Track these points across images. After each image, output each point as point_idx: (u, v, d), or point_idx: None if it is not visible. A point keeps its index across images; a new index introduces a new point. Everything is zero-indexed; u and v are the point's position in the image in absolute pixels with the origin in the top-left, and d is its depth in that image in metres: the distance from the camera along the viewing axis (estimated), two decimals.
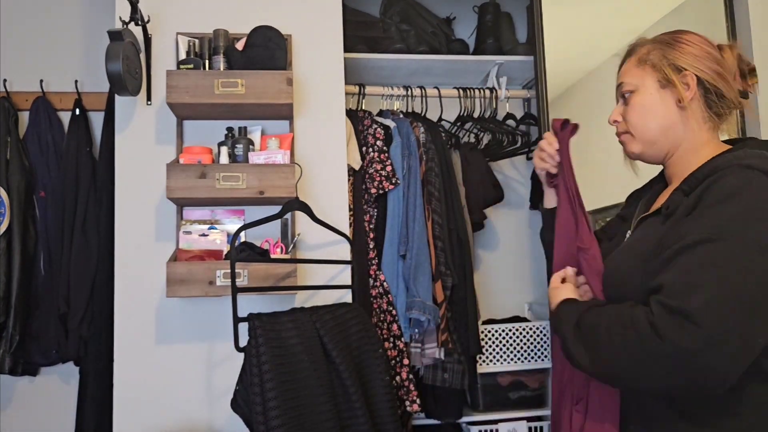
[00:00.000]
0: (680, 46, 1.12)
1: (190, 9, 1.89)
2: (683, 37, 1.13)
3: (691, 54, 1.10)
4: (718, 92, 1.09)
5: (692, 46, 1.11)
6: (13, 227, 2.12)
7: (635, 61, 1.17)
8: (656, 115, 1.14)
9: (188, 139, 1.86)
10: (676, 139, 1.13)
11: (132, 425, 1.72)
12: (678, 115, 1.12)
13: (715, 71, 1.09)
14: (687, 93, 1.09)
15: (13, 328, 2.08)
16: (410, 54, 2.20)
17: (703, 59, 1.10)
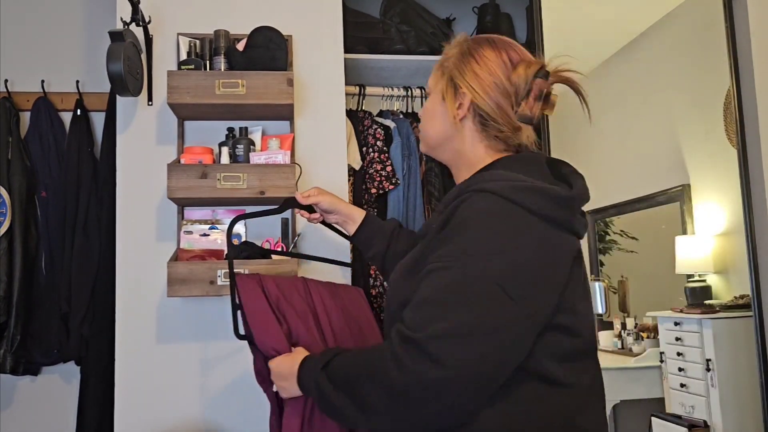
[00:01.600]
0: (470, 62, 1.09)
1: (191, 10, 1.89)
2: (478, 52, 1.10)
3: (473, 74, 1.08)
4: (492, 119, 1.07)
5: (479, 65, 1.08)
6: (14, 227, 2.12)
7: (438, 62, 1.16)
8: (435, 124, 1.15)
9: (189, 140, 1.87)
10: (454, 150, 1.13)
11: (133, 425, 1.73)
12: (454, 129, 1.11)
13: (491, 98, 1.06)
14: (459, 112, 1.09)
15: (15, 328, 2.09)
16: (410, 55, 2.20)
17: (484, 82, 1.07)
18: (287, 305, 1.41)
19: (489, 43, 1.11)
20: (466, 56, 1.10)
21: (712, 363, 2.44)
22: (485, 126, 1.08)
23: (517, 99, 1.06)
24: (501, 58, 1.09)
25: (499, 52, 1.09)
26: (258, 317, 1.33)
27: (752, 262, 2.16)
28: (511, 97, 1.06)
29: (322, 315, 1.48)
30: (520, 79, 1.06)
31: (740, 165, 2.19)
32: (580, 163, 1.58)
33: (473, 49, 1.11)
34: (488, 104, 1.06)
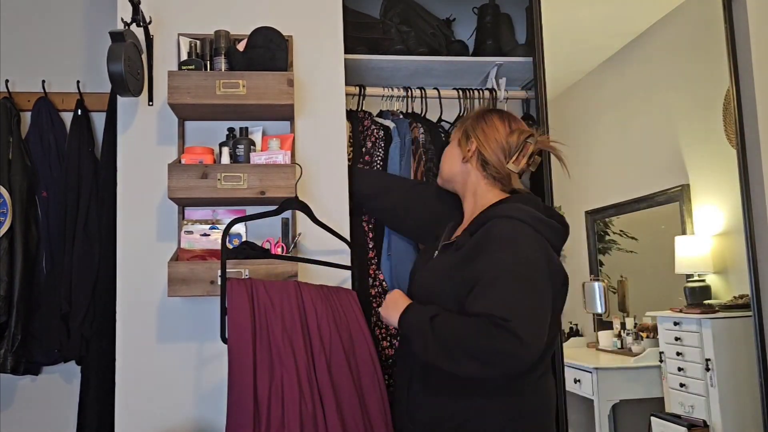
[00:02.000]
0: (482, 123, 1.55)
1: (191, 10, 1.90)
2: (489, 119, 1.56)
3: (482, 131, 1.54)
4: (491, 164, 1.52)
5: (488, 127, 1.54)
6: (15, 227, 2.12)
7: (460, 122, 1.66)
8: (451, 164, 1.61)
9: (190, 140, 1.87)
10: (462, 184, 1.59)
11: (134, 424, 1.73)
12: (462, 167, 1.57)
13: (492, 150, 1.51)
14: (467, 154, 1.56)
15: (15, 328, 2.09)
16: (410, 55, 2.20)
17: (488, 139, 1.52)
18: (274, 316, 1.44)
19: (499, 114, 1.58)
20: (480, 119, 1.58)
21: (712, 363, 2.44)
22: (485, 168, 1.53)
23: (510, 155, 1.50)
24: (504, 125, 1.54)
25: (504, 121, 1.55)
26: (236, 332, 1.42)
27: (751, 262, 2.16)
28: (506, 152, 1.51)
29: (312, 320, 1.50)
30: (514, 141, 1.50)
31: (740, 165, 2.19)
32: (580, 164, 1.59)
33: (486, 116, 1.57)
34: (489, 152, 1.52)
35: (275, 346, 1.43)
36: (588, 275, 2.98)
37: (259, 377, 1.39)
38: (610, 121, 2.99)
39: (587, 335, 2.98)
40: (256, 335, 1.42)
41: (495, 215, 1.40)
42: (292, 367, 1.42)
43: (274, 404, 1.38)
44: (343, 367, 1.50)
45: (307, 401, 1.41)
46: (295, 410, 1.39)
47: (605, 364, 2.77)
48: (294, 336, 1.46)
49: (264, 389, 1.38)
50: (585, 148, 3.01)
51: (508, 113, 1.60)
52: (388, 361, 1.89)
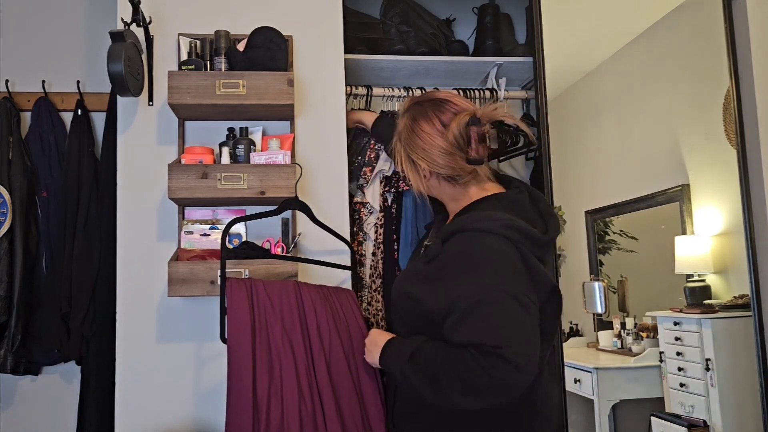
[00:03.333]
0: (415, 140, 1.34)
1: (191, 10, 1.90)
2: (418, 129, 1.34)
3: (422, 149, 1.33)
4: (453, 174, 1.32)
5: (423, 140, 1.33)
6: (15, 227, 2.13)
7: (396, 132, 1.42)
8: (416, 184, 1.40)
9: (190, 140, 1.87)
10: (439, 195, 1.42)
11: (134, 424, 1.73)
12: (428, 186, 1.40)
13: (442, 162, 1.31)
14: (424, 178, 1.38)
15: (15, 328, 2.09)
16: (410, 55, 2.21)
17: (431, 154, 1.32)
18: (274, 316, 1.44)
19: (423, 116, 1.35)
20: (411, 134, 1.36)
21: (712, 363, 2.44)
22: (450, 180, 1.35)
23: (463, 149, 1.30)
24: (435, 127, 1.33)
25: (431, 122, 1.33)
26: (235, 331, 1.41)
27: (751, 262, 2.16)
28: (456, 153, 1.31)
29: (311, 320, 1.50)
30: (455, 135, 1.30)
31: (740, 165, 2.19)
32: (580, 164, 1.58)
33: (414, 127, 1.36)
34: (442, 167, 1.32)
35: (275, 346, 1.43)
36: (588, 275, 2.98)
37: (258, 377, 1.39)
38: (610, 121, 2.99)
39: (587, 335, 2.98)
40: (256, 335, 1.42)
41: (463, 227, 1.25)
42: (292, 367, 1.42)
43: (273, 404, 1.38)
44: (343, 367, 1.50)
45: (306, 401, 1.41)
46: (295, 410, 1.39)
47: (605, 364, 2.77)
48: (293, 336, 1.46)
49: (263, 389, 1.38)
50: (585, 148, 3.01)
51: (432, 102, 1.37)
52: None
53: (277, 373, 1.41)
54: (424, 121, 1.34)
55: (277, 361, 1.42)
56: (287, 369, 1.42)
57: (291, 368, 1.42)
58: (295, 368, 1.43)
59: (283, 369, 1.41)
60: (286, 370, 1.41)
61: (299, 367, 1.43)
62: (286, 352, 1.43)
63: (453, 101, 1.36)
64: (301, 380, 1.42)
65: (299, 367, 1.43)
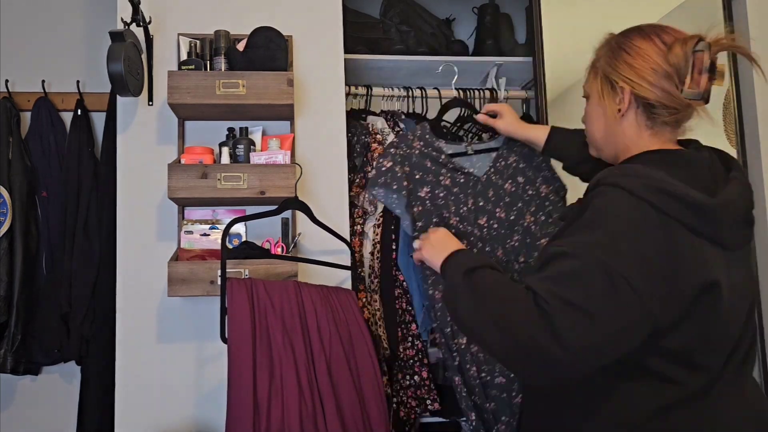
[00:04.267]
0: (622, 56, 1.11)
1: (191, 10, 1.90)
2: (628, 44, 1.12)
3: (628, 66, 1.10)
4: (660, 105, 1.08)
5: (632, 56, 1.10)
6: (15, 227, 2.13)
7: (590, 65, 1.20)
8: (598, 125, 1.18)
9: (189, 140, 1.87)
10: (619, 145, 1.16)
11: (133, 424, 1.73)
12: (617, 125, 1.14)
13: (652, 84, 1.07)
14: (621, 106, 1.11)
15: (15, 328, 2.09)
16: (410, 55, 2.20)
17: (641, 71, 1.08)
18: (274, 316, 1.45)
19: (638, 32, 1.12)
20: (617, 51, 1.12)
21: None
22: (652, 113, 1.09)
23: (681, 78, 1.06)
24: (654, 43, 1.09)
25: (650, 38, 1.10)
26: (236, 331, 1.41)
27: None
28: (674, 78, 1.06)
29: (312, 320, 1.50)
30: (678, 58, 1.06)
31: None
32: None
33: (622, 43, 1.12)
34: (651, 91, 1.07)
35: (275, 346, 1.43)
36: None
37: (258, 377, 1.39)
38: None
39: None
40: (256, 335, 1.42)
41: (604, 179, 1.03)
42: (292, 367, 1.42)
43: (274, 404, 1.38)
44: (343, 367, 1.50)
45: (307, 401, 1.41)
46: (295, 410, 1.39)
47: None
48: (294, 336, 1.46)
49: (264, 389, 1.38)
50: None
51: (649, 25, 1.14)
52: (410, 361, 1.88)
53: (277, 373, 1.41)
54: (638, 37, 1.11)
55: (278, 361, 1.42)
56: (287, 369, 1.42)
57: (291, 368, 1.42)
58: (296, 368, 1.43)
59: (284, 369, 1.41)
60: (287, 370, 1.41)
61: (299, 366, 1.43)
62: (287, 352, 1.43)
63: (673, 28, 1.12)
64: (301, 380, 1.42)
65: (299, 367, 1.43)
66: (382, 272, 1.95)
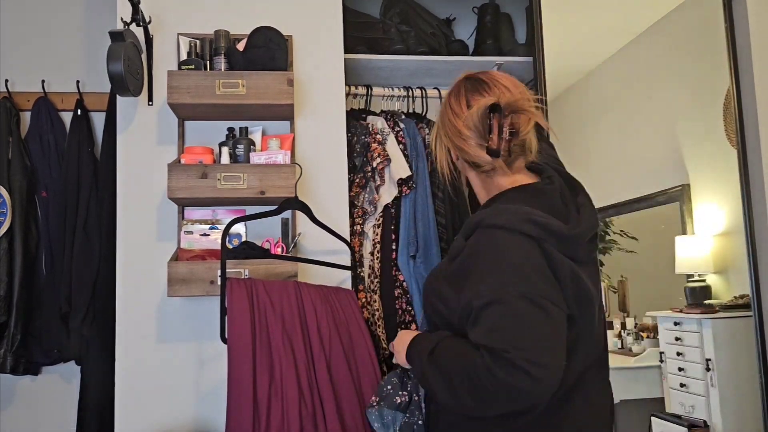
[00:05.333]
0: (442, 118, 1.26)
1: (191, 10, 1.90)
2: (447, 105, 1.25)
3: (447, 128, 1.24)
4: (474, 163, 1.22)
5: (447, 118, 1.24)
6: (14, 227, 2.12)
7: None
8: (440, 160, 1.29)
9: (189, 140, 1.87)
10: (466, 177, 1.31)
11: (133, 424, 1.73)
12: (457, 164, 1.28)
13: (457, 142, 1.21)
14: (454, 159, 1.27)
15: (15, 328, 2.09)
16: (410, 55, 2.20)
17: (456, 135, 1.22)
18: (274, 316, 1.45)
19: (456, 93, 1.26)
20: (443, 110, 1.27)
21: (712, 363, 2.44)
22: (472, 166, 1.24)
23: (483, 137, 1.18)
24: (461, 107, 1.23)
25: (460, 101, 1.24)
26: (236, 332, 1.41)
27: (752, 261, 2.16)
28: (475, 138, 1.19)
29: (311, 320, 1.50)
30: (475, 120, 1.18)
31: (740, 165, 2.19)
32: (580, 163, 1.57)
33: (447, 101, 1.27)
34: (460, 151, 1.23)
35: (275, 346, 1.43)
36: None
37: (258, 377, 1.39)
38: (610, 121, 2.99)
39: None
40: (256, 335, 1.42)
41: (481, 223, 1.16)
42: (292, 367, 1.42)
43: (273, 404, 1.38)
44: (343, 367, 1.50)
45: (306, 401, 1.41)
46: (295, 410, 1.39)
47: None
48: (294, 336, 1.46)
49: (264, 389, 1.38)
50: (585, 147, 3.01)
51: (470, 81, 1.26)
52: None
53: (277, 373, 1.41)
54: (454, 98, 1.25)
55: (278, 361, 1.42)
56: (287, 369, 1.41)
57: (291, 368, 1.42)
58: (295, 368, 1.43)
59: (284, 369, 1.41)
60: (287, 370, 1.41)
61: (299, 367, 1.43)
62: (287, 352, 1.43)
63: (490, 83, 1.24)
64: (301, 380, 1.42)
65: (299, 367, 1.43)
66: (382, 272, 1.95)
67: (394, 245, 2.00)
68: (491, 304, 1.06)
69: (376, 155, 1.99)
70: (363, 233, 2.01)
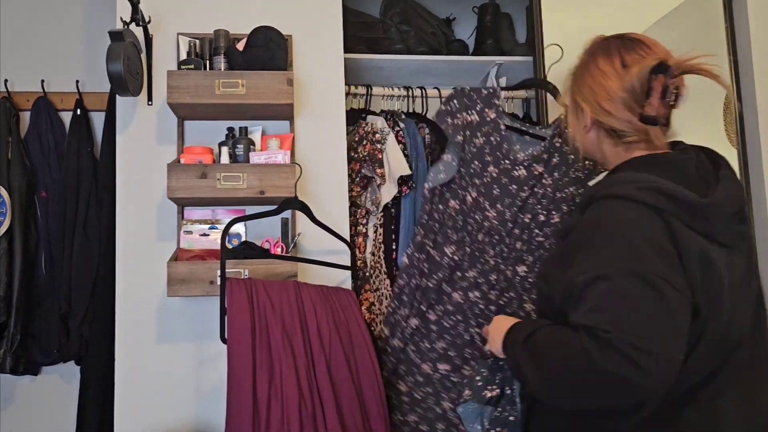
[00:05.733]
0: (585, 78, 1.14)
1: (191, 9, 1.89)
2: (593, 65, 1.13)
3: (589, 89, 1.12)
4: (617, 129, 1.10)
5: (593, 78, 1.12)
6: (14, 227, 2.12)
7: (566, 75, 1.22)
8: (576, 135, 1.20)
9: (189, 139, 1.87)
10: (597, 154, 1.18)
11: (133, 424, 1.73)
12: (591, 138, 1.16)
13: (606, 106, 1.09)
14: (586, 126, 1.15)
15: (15, 328, 2.09)
16: (410, 54, 2.20)
17: (599, 96, 1.10)
18: (274, 316, 1.45)
19: (604, 52, 1.12)
20: (583, 71, 1.15)
21: None
22: (613, 136, 1.11)
23: (639, 103, 1.06)
24: (614, 66, 1.10)
25: (611, 60, 1.10)
26: (235, 332, 1.41)
27: None
28: (630, 103, 1.07)
29: (312, 321, 1.50)
30: (635, 82, 1.06)
31: (740, 165, 2.19)
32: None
33: (588, 63, 1.14)
34: (606, 115, 1.09)
35: (275, 346, 1.43)
36: None
37: (258, 377, 1.39)
38: None
39: None
40: (256, 335, 1.42)
41: (597, 194, 1.04)
42: (292, 367, 1.42)
43: (273, 404, 1.38)
44: (343, 368, 1.50)
45: (306, 401, 1.41)
46: (295, 410, 1.39)
47: None
48: (293, 336, 1.46)
49: (264, 389, 1.38)
50: None
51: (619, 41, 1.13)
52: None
53: (277, 373, 1.41)
54: (603, 57, 1.12)
55: (278, 362, 1.42)
56: (287, 369, 1.41)
57: (291, 368, 1.42)
58: (295, 368, 1.43)
59: (284, 369, 1.41)
60: (286, 371, 1.41)
61: (299, 367, 1.43)
62: (286, 353, 1.43)
63: (647, 44, 1.12)
64: (301, 380, 1.42)
65: (299, 367, 1.43)
66: (387, 273, 1.95)
67: (394, 245, 2.00)
68: (596, 280, 0.93)
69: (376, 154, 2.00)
70: (366, 234, 2.02)
